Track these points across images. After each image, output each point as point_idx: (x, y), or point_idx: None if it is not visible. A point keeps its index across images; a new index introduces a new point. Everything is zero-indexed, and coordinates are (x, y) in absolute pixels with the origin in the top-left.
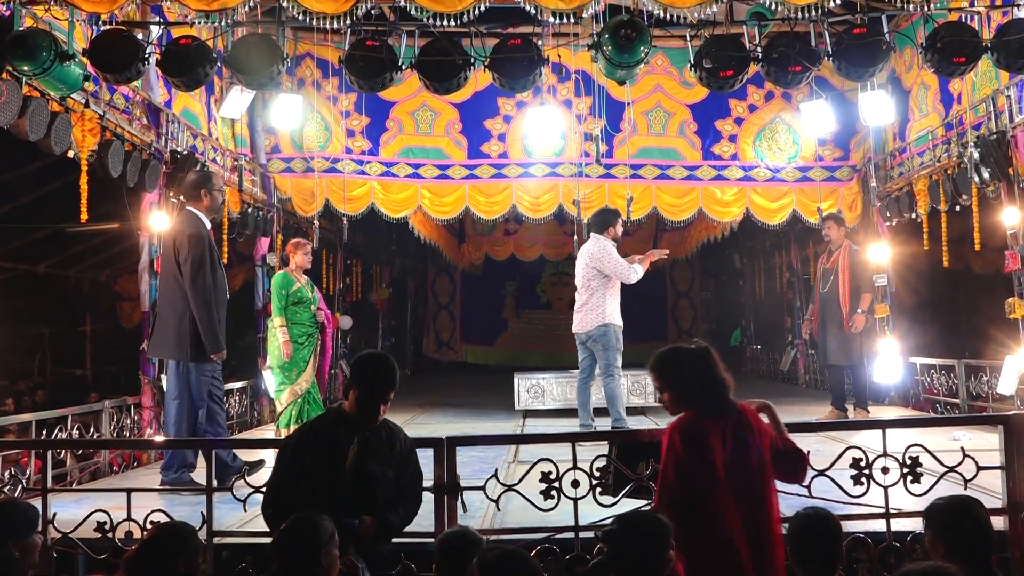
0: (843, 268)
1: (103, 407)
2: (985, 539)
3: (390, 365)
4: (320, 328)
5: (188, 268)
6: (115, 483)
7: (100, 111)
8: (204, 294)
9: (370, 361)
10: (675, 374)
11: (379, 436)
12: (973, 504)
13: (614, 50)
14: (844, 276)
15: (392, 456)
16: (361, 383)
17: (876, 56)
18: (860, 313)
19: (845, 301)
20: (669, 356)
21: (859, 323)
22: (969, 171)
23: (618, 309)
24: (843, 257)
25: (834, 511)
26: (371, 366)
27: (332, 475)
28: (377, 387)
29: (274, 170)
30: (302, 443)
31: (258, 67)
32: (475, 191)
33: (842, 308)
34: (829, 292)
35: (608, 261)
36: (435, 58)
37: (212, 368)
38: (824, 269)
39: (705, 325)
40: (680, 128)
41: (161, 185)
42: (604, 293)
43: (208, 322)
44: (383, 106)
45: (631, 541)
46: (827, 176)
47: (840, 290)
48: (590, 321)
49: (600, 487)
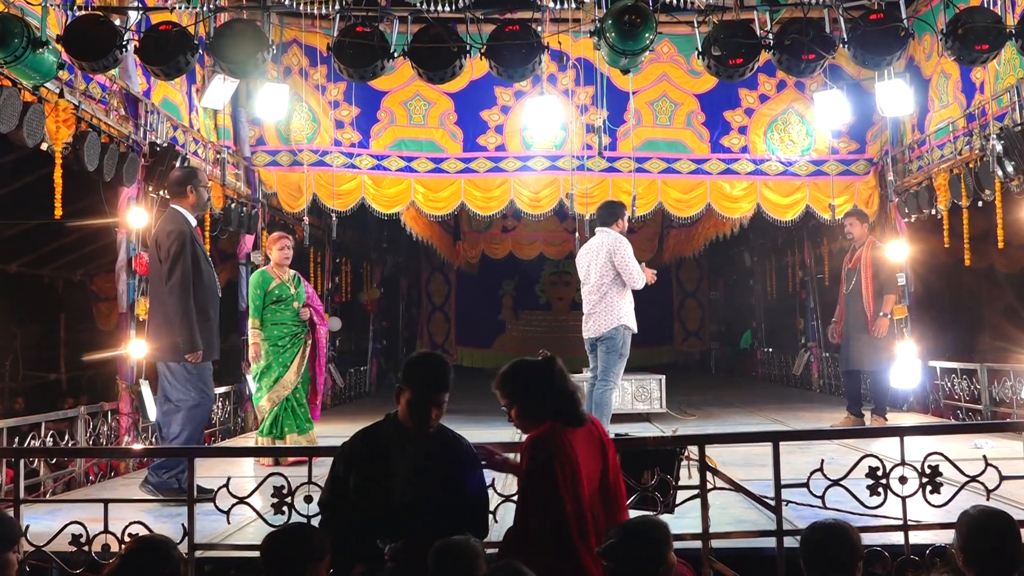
0: (866, 267)
1: (78, 413)
2: (1011, 555)
3: (442, 364)
4: (309, 327)
5: (166, 265)
6: (91, 493)
7: (75, 101)
8: (181, 290)
9: (420, 361)
10: (522, 387)
11: (435, 445)
12: (1002, 518)
13: (617, 37)
14: (867, 275)
15: (451, 467)
16: (411, 386)
17: (894, 43)
18: (883, 316)
19: (869, 303)
20: (514, 369)
21: (882, 327)
22: (992, 164)
23: (631, 311)
24: (866, 255)
25: (850, 523)
26: (421, 365)
27: (384, 488)
28: (429, 389)
29: (259, 163)
30: (353, 453)
31: (242, 55)
32: (471, 186)
33: (866, 310)
34: (852, 293)
35: (624, 255)
36: (429, 45)
37: (206, 368)
38: (847, 269)
39: (713, 327)
40: (687, 119)
41: (140, 179)
42: (620, 292)
43: (183, 320)
44: (374, 96)
45: (632, 550)
46: (842, 170)
47: (863, 291)
48: (604, 323)
49: None
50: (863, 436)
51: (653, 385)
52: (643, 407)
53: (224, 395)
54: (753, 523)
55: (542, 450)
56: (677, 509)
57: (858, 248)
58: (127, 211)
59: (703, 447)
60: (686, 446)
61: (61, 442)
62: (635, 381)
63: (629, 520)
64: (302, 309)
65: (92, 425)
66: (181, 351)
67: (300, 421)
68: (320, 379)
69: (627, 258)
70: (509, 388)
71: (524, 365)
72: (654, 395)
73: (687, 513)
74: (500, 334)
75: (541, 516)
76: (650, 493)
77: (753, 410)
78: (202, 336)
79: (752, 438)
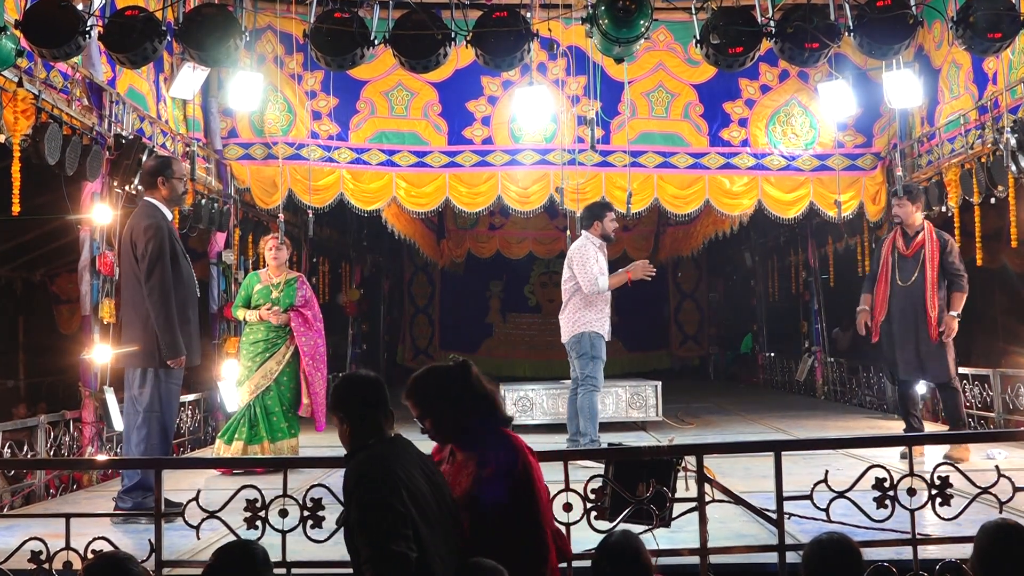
0: (931, 257)
1: (38, 422)
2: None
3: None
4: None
5: (145, 264)
6: (52, 507)
7: (35, 91)
8: (161, 291)
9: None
10: (436, 395)
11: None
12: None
13: (611, 24)
14: (932, 268)
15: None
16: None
17: (902, 31)
18: (953, 316)
19: (933, 302)
20: (428, 376)
21: (952, 328)
22: (1005, 159)
23: (599, 317)
24: (930, 244)
25: (855, 537)
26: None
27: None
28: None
29: (231, 157)
30: (399, 480)
31: (213, 42)
32: (456, 180)
33: (929, 310)
34: (913, 288)
35: (582, 260)
36: (411, 32)
37: (179, 376)
38: (901, 257)
39: (713, 330)
40: (685, 111)
41: (104, 174)
42: (584, 297)
43: (165, 323)
44: (353, 85)
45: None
46: (848, 164)
47: (928, 287)
48: (568, 329)
49: (595, 511)
50: (869, 445)
51: (649, 392)
52: (638, 415)
53: (194, 403)
54: (754, 537)
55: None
56: (674, 523)
57: (913, 235)
58: (91, 207)
59: (701, 458)
60: (683, 457)
61: (20, 453)
62: (630, 388)
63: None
64: (273, 314)
65: (53, 435)
66: (161, 357)
67: (274, 429)
68: (312, 386)
69: (584, 262)
70: (422, 396)
71: (439, 371)
72: (650, 402)
73: (684, 527)
74: (487, 338)
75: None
76: (645, 506)
77: (754, 418)
78: (183, 339)
79: (753, 448)
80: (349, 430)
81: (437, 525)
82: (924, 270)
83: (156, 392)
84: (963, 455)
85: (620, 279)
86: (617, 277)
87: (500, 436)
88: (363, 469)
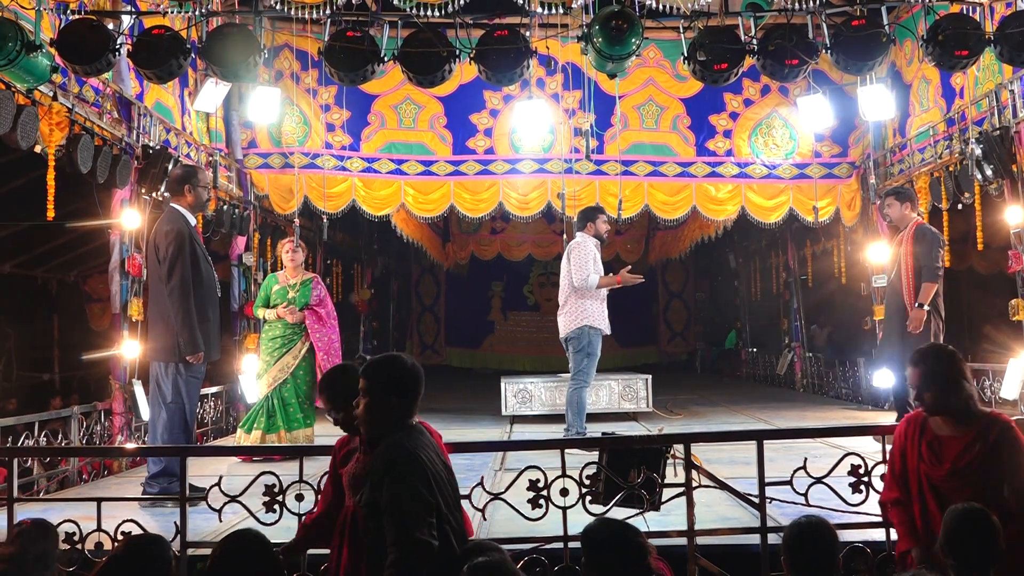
0: (907, 252)
1: (72, 413)
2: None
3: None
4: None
5: (165, 265)
6: (84, 492)
7: (68, 104)
8: (181, 291)
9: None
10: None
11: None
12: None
13: (605, 42)
14: (907, 262)
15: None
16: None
17: (875, 49)
18: (920, 307)
19: (909, 294)
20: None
21: (917, 320)
22: (971, 168)
23: (599, 312)
24: (907, 239)
25: (832, 520)
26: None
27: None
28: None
29: (251, 166)
30: (429, 470)
31: (234, 58)
32: (460, 188)
33: (906, 303)
34: (895, 283)
35: (579, 256)
36: (419, 49)
37: (200, 370)
38: (892, 255)
39: (699, 327)
40: (673, 123)
41: (132, 181)
42: (585, 293)
43: (184, 321)
44: (364, 99)
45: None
46: (825, 173)
47: (903, 279)
48: (570, 323)
49: (590, 495)
50: (845, 434)
51: (639, 385)
52: (630, 406)
53: (216, 395)
54: (738, 520)
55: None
56: (663, 507)
57: (901, 231)
58: (120, 213)
59: (689, 446)
60: (672, 445)
61: (55, 441)
62: (621, 381)
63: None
64: (288, 312)
65: (85, 425)
66: (181, 352)
67: (290, 419)
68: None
69: (581, 258)
70: (332, 395)
71: (347, 369)
72: (640, 395)
73: (673, 511)
74: (489, 335)
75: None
76: (637, 491)
77: (738, 409)
78: (202, 336)
79: (737, 437)
80: (380, 412)
81: (454, 505)
82: (900, 267)
83: (177, 385)
84: None
85: (610, 281)
86: (608, 279)
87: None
88: (393, 455)
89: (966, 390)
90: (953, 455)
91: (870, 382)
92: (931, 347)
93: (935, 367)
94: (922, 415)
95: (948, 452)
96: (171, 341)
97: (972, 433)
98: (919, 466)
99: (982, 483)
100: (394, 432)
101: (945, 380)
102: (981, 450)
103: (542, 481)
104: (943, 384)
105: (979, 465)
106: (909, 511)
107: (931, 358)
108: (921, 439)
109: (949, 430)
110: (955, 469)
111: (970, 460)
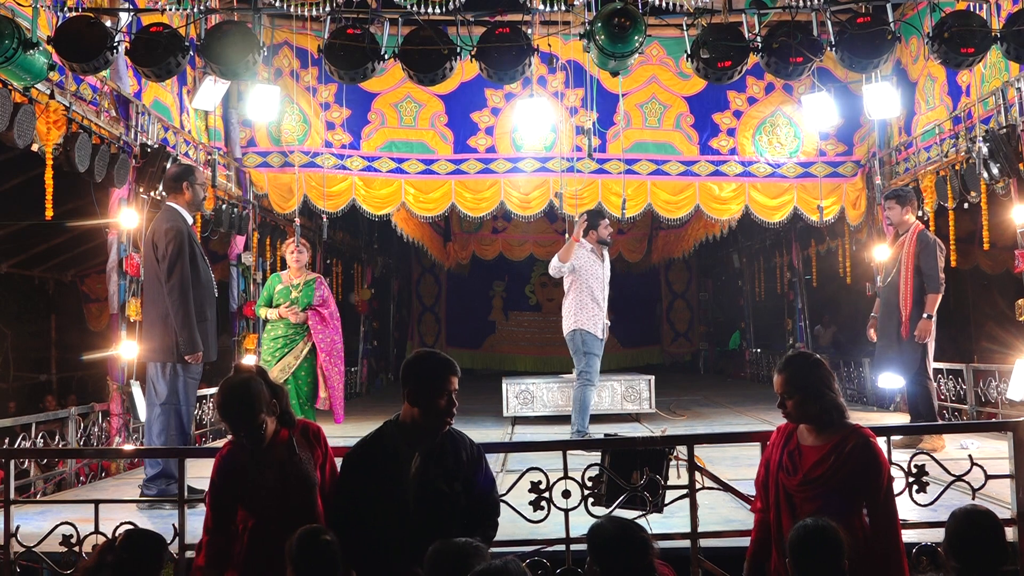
0: (908, 257)
1: (69, 414)
2: (996, 552)
3: (438, 362)
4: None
5: (165, 264)
6: (82, 494)
7: (66, 102)
8: (180, 290)
9: (418, 360)
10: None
11: (442, 446)
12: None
13: (607, 39)
14: (908, 268)
15: (458, 468)
16: (410, 386)
17: (881, 46)
18: (927, 318)
19: (907, 301)
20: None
21: (924, 330)
22: (978, 167)
23: (586, 312)
24: (909, 243)
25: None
26: (419, 365)
27: (395, 494)
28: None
29: (250, 165)
30: (361, 464)
31: (233, 56)
32: (461, 187)
33: (901, 310)
34: (891, 287)
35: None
36: (419, 47)
37: (198, 371)
38: (889, 257)
39: (703, 327)
40: (676, 121)
41: (130, 180)
42: (571, 296)
43: (183, 321)
44: (365, 98)
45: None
46: (830, 172)
47: (901, 286)
48: (564, 325)
49: (592, 497)
50: None
51: (642, 386)
52: (632, 407)
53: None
54: (741, 522)
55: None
56: (666, 509)
57: (902, 235)
58: (118, 212)
59: (692, 447)
60: (675, 446)
61: (52, 443)
62: (624, 382)
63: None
64: (291, 312)
65: (83, 426)
66: (179, 352)
67: None
68: (329, 380)
69: (562, 251)
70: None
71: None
72: (643, 395)
73: (676, 513)
74: (490, 335)
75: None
76: (639, 493)
77: (741, 410)
78: (200, 336)
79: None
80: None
81: None
82: (900, 270)
83: (174, 385)
84: (937, 445)
85: (567, 245)
86: (565, 246)
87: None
88: (474, 444)
89: (829, 399)
90: (808, 465)
91: (875, 383)
92: (797, 354)
93: (797, 374)
94: (793, 424)
95: (805, 462)
96: (168, 341)
97: (830, 444)
98: (778, 474)
99: (831, 495)
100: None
101: (806, 388)
102: (835, 462)
103: (544, 483)
104: (804, 392)
105: (831, 477)
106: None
107: (795, 365)
108: (785, 447)
109: (812, 440)
110: (807, 479)
111: (823, 471)
